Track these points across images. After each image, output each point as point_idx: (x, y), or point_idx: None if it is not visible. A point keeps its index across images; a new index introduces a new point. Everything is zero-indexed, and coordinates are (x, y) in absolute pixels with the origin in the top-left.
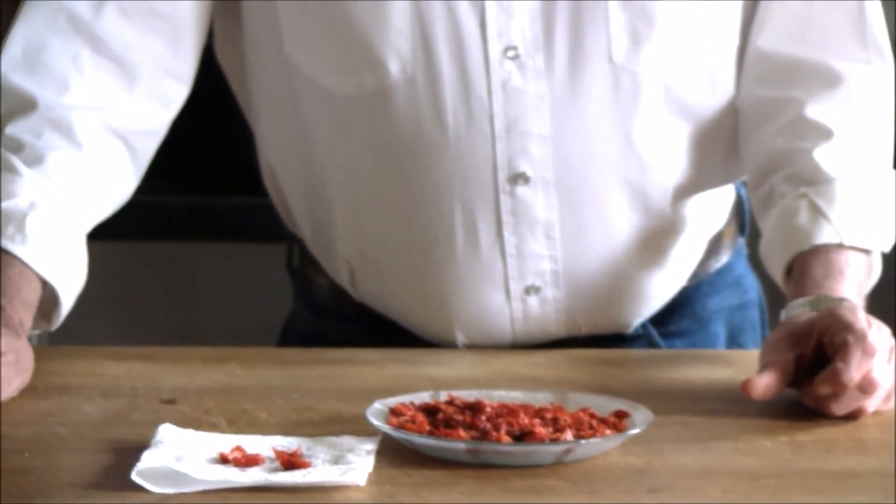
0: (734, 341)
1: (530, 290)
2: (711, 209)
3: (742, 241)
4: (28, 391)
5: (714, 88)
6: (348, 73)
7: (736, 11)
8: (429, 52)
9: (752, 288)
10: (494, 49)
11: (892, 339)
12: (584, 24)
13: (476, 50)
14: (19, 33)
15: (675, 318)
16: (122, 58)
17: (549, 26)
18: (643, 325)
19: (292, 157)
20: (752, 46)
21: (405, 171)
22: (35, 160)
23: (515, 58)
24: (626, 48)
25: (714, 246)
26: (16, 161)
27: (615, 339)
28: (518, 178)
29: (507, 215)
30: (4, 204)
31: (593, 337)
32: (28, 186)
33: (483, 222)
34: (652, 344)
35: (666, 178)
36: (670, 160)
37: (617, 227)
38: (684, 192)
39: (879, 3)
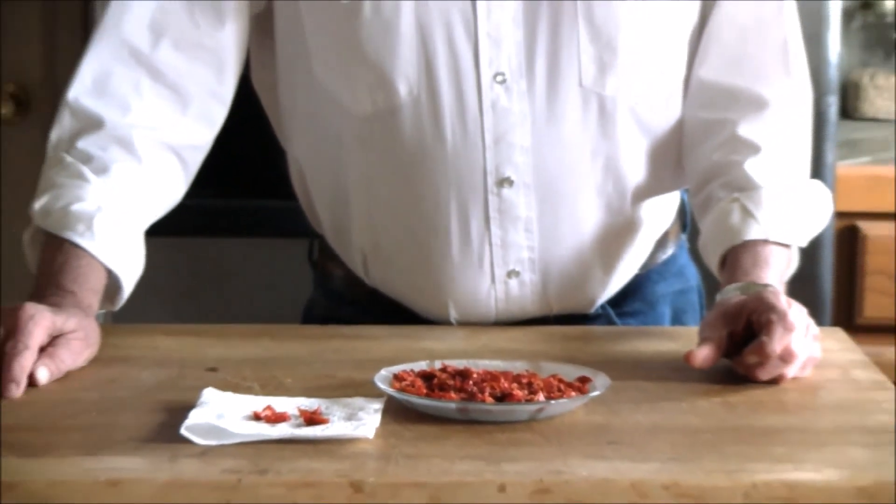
0: (677, 320)
1: (511, 274)
2: (661, 211)
3: (684, 237)
4: (95, 361)
5: (668, 109)
6: (365, 93)
7: (684, 46)
8: (431, 77)
9: (693, 276)
10: (486, 75)
11: (808, 318)
12: (559, 55)
13: (470, 75)
14: (88, 63)
15: (629, 300)
16: (175, 84)
17: (531, 56)
18: (602, 307)
19: (319, 164)
20: (694, 76)
21: (411, 176)
22: (102, 170)
23: (503, 82)
24: (594, 74)
25: (661, 241)
26: (85, 171)
27: (580, 318)
28: (504, 181)
29: (494, 212)
30: (75, 206)
31: (562, 316)
32: (95, 192)
33: (474, 218)
34: (610, 322)
35: (626, 184)
36: (630, 169)
37: (584, 224)
38: (641, 196)
39: (800, 34)
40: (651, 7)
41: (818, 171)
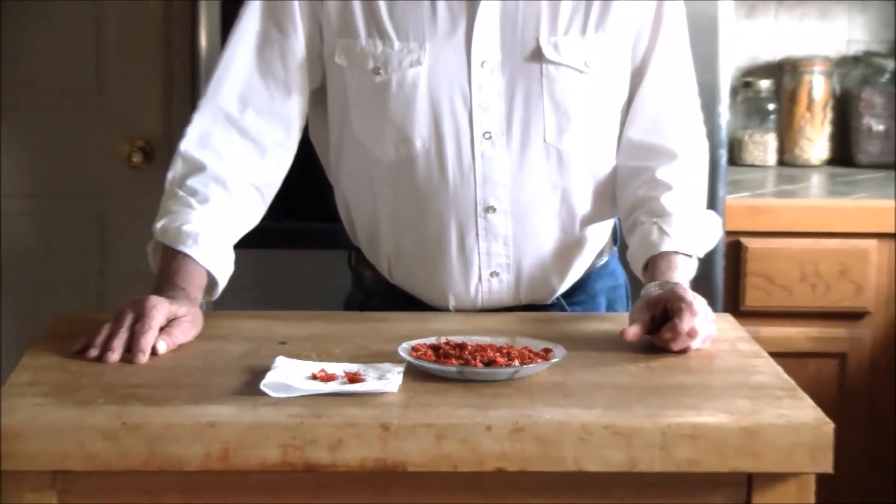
0: (611, 308)
1: (493, 274)
2: (601, 231)
3: (615, 248)
4: (199, 338)
5: (607, 160)
6: (390, 146)
7: (618, 114)
8: (438, 135)
9: (621, 276)
10: (477, 133)
11: (707, 307)
12: (530, 120)
13: (466, 134)
14: (194, 124)
15: (576, 293)
16: (256, 140)
17: (510, 120)
18: (557, 298)
19: (358, 196)
20: (624, 136)
21: (423, 205)
22: (204, 201)
23: (489, 138)
24: (555, 134)
25: (600, 251)
26: (192, 201)
27: (540, 307)
28: (489, 209)
29: (482, 231)
30: (185, 227)
31: (528, 305)
32: (200, 217)
33: (468, 235)
34: (562, 309)
35: (577, 213)
36: (580, 202)
37: (545, 240)
38: (587, 221)
39: (700, 105)
40: (596, 87)
41: (713, 202)
